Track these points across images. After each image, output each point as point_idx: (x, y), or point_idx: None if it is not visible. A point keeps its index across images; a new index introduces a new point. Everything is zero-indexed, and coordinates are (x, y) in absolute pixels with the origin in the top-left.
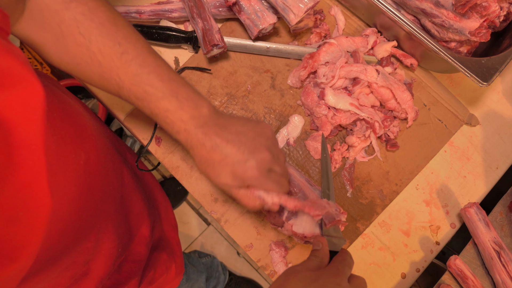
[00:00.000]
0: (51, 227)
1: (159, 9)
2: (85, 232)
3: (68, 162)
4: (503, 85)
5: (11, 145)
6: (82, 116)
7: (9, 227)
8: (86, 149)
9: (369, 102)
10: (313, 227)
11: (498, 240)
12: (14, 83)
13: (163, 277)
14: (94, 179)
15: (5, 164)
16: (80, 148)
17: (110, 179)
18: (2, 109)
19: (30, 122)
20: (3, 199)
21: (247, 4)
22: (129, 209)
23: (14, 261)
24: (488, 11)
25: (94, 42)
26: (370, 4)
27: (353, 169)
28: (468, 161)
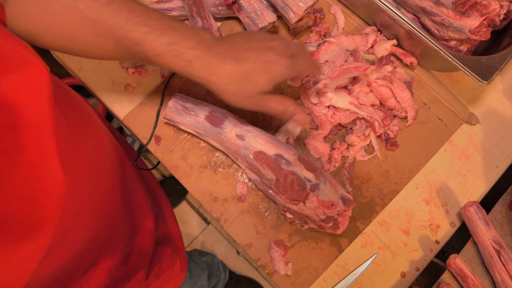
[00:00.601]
0: (66, 207)
1: (158, 8)
2: (97, 217)
3: (77, 145)
4: (503, 84)
5: (19, 127)
6: (85, 104)
7: (26, 207)
8: (92, 136)
9: (369, 101)
10: (336, 196)
11: (498, 239)
12: (18, 66)
13: (169, 272)
14: (102, 164)
15: (14, 146)
16: (86, 134)
17: (115, 166)
18: (9, 93)
19: (36, 103)
20: (17, 181)
21: (246, 3)
22: (132, 200)
23: (32, 240)
24: (488, 9)
25: (79, 0)
26: (370, 2)
27: (353, 168)
28: (468, 160)
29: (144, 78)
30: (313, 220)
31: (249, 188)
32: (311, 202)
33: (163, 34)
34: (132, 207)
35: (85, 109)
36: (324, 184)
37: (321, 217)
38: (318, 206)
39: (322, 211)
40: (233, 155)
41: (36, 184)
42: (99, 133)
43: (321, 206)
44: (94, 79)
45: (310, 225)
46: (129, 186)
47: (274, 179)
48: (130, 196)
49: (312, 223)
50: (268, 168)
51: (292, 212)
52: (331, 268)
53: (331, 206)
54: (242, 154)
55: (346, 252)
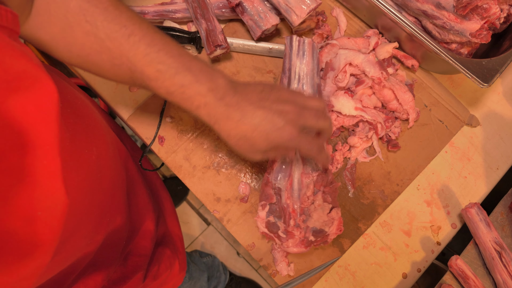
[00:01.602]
0: (67, 223)
1: (163, 9)
2: (96, 224)
3: (81, 158)
4: (503, 86)
5: (25, 146)
6: (91, 110)
7: (28, 226)
8: (97, 144)
9: (372, 103)
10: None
11: (499, 240)
12: (28, 85)
13: (167, 273)
14: (105, 173)
15: (19, 166)
16: (92, 143)
17: (119, 171)
18: (18, 112)
19: (44, 124)
20: (21, 200)
21: (250, 5)
22: (133, 202)
23: (33, 259)
24: (489, 13)
25: (101, 28)
26: (372, 5)
27: (355, 169)
28: (469, 162)
29: None
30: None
31: (251, 189)
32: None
33: (177, 74)
34: (133, 209)
35: (92, 116)
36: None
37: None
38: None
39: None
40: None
41: (39, 204)
42: (105, 141)
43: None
44: (99, 79)
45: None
46: (131, 189)
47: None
48: (132, 198)
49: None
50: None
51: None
52: (333, 269)
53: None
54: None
55: (348, 253)
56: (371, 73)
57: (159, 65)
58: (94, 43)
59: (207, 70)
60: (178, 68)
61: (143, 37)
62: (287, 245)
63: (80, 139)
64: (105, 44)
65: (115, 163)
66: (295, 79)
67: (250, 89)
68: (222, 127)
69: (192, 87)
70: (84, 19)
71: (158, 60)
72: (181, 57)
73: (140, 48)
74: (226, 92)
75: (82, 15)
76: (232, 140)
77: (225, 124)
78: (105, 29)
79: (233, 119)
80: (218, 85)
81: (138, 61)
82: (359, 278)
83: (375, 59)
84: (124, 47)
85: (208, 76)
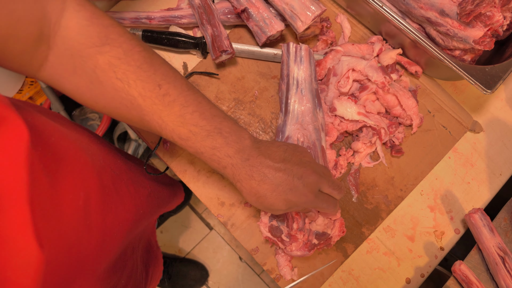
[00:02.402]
0: (46, 279)
1: (169, 15)
2: (82, 279)
3: (64, 205)
4: (506, 93)
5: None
6: (83, 151)
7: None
8: (86, 188)
9: (375, 109)
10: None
11: (503, 246)
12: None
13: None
14: (95, 219)
15: None
16: (79, 187)
17: (113, 216)
18: None
19: (10, 169)
20: None
21: (255, 12)
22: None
23: None
24: (492, 20)
25: (133, 86)
26: (376, 12)
27: (358, 174)
28: (472, 168)
29: None
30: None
31: None
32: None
33: (209, 137)
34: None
35: (81, 159)
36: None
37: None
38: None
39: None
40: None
41: (10, 262)
42: (96, 184)
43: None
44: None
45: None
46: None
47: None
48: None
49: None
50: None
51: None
52: (337, 274)
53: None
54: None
55: (351, 258)
56: (374, 77)
57: (192, 127)
58: (125, 99)
59: (235, 130)
60: (210, 131)
61: (177, 97)
62: (290, 248)
63: (64, 183)
64: (136, 101)
65: (110, 207)
66: (293, 85)
67: (273, 149)
68: (244, 186)
69: (222, 150)
70: (114, 76)
71: (192, 122)
72: (213, 118)
73: (175, 108)
74: (251, 153)
75: (112, 72)
76: (253, 197)
77: (247, 184)
78: (138, 88)
79: (255, 179)
80: (244, 146)
81: (171, 121)
82: (363, 283)
83: (378, 64)
84: (157, 107)
85: (236, 137)
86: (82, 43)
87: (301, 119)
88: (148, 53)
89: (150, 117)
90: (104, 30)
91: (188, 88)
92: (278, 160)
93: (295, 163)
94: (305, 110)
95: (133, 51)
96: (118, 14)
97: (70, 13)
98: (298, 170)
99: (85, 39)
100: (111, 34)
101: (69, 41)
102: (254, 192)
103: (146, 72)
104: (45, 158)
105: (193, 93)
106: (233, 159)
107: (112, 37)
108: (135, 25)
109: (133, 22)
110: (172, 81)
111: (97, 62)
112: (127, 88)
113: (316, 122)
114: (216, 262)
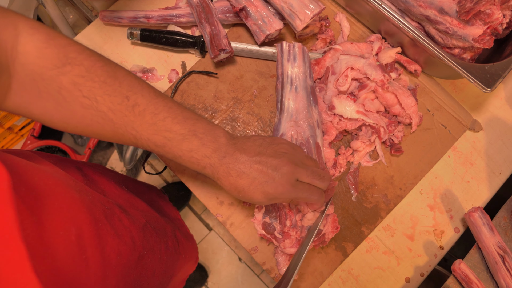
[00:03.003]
0: None
1: (167, 14)
2: None
3: (56, 241)
4: (505, 92)
5: None
6: (69, 187)
7: None
8: (77, 222)
9: (374, 108)
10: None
11: (502, 245)
12: None
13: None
14: (92, 253)
15: None
16: (70, 222)
17: (110, 249)
18: None
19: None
20: None
21: (254, 10)
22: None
23: None
24: (492, 18)
25: (101, 102)
26: (375, 11)
27: (358, 173)
28: (472, 166)
29: (152, 83)
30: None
31: None
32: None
33: (184, 140)
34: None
35: (69, 195)
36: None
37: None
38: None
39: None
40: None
41: None
42: (87, 219)
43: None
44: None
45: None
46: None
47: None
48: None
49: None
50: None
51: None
52: (336, 273)
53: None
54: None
55: (351, 257)
56: (373, 75)
57: (166, 133)
58: (95, 116)
59: (210, 130)
60: (185, 134)
61: (147, 106)
62: (284, 245)
63: (52, 220)
64: (107, 116)
65: (106, 238)
66: (287, 83)
67: (249, 144)
68: (224, 182)
69: (199, 151)
70: (81, 95)
71: (165, 128)
72: (186, 121)
73: (146, 117)
74: (227, 150)
75: (78, 91)
76: (234, 192)
77: (226, 180)
78: (106, 103)
79: (232, 175)
80: (220, 144)
81: (145, 130)
82: (362, 282)
83: (376, 62)
84: (128, 119)
85: (211, 137)
86: (43, 66)
87: (295, 117)
88: (111, 67)
89: (124, 129)
90: (63, 50)
91: (156, 95)
92: (253, 154)
93: (270, 155)
94: (299, 107)
95: (95, 67)
96: (116, 13)
97: (24, 37)
98: (273, 161)
99: (44, 61)
100: (70, 53)
101: (29, 66)
102: (233, 188)
103: (111, 86)
104: (28, 198)
105: (163, 100)
106: (211, 159)
107: (71, 56)
108: (133, 24)
109: (131, 21)
110: (139, 91)
111: (61, 83)
112: (95, 104)
113: (311, 119)
114: (216, 263)
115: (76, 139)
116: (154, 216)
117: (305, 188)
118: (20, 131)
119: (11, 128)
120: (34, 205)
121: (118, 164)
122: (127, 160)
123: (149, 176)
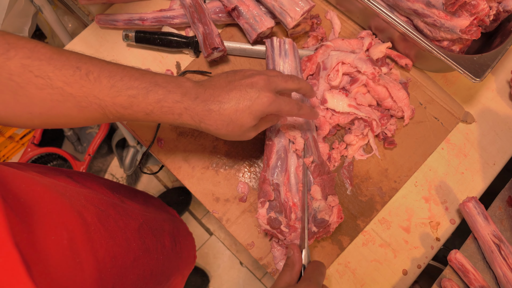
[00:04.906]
0: None
1: (161, 16)
2: None
3: (48, 246)
4: (496, 83)
5: None
6: (58, 193)
7: None
8: (68, 227)
9: (366, 101)
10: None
11: (498, 233)
12: None
13: None
14: (85, 256)
15: None
16: (61, 227)
17: (104, 252)
18: None
19: None
20: None
21: (245, 9)
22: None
23: None
24: (477, 9)
25: (54, 78)
26: (365, 7)
27: (352, 167)
28: (465, 158)
29: None
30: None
31: (250, 188)
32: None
33: (149, 92)
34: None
35: (58, 201)
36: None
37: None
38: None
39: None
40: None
41: None
42: (79, 223)
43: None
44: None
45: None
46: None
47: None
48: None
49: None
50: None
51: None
52: (333, 267)
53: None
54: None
55: (347, 250)
56: (363, 69)
57: (128, 90)
58: (54, 94)
59: (172, 79)
60: (147, 87)
61: (101, 71)
62: (290, 239)
63: (42, 226)
64: (65, 91)
65: (100, 241)
66: None
67: (216, 79)
68: (208, 122)
69: (168, 99)
70: (33, 75)
71: (125, 86)
72: (144, 76)
73: (103, 82)
74: (197, 91)
75: (29, 72)
76: (221, 130)
77: (209, 119)
78: (59, 77)
79: (214, 110)
80: (188, 88)
81: (106, 95)
82: (359, 275)
83: (366, 57)
84: (87, 87)
85: (175, 84)
86: None
87: None
88: (54, 47)
89: (86, 101)
90: (1, 38)
91: (107, 62)
92: (225, 85)
93: (241, 79)
94: None
95: (38, 47)
96: (111, 16)
97: None
98: (246, 81)
99: None
100: (9, 39)
101: None
102: (220, 124)
103: (59, 61)
104: (16, 205)
105: (115, 64)
106: (183, 103)
107: (12, 41)
108: (129, 27)
109: (126, 23)
110: (88, 61)
111: (9, 69)
112: (49, 82)
113: None
114: (217, 267)
115: (76, 146)
116: (150, 215)
117: (287, 100)
118: (21, 140)
119: (12, 137)
120: (23, 212)
121: (118, 170)
122: (126, 166)
123: (149, 182)
